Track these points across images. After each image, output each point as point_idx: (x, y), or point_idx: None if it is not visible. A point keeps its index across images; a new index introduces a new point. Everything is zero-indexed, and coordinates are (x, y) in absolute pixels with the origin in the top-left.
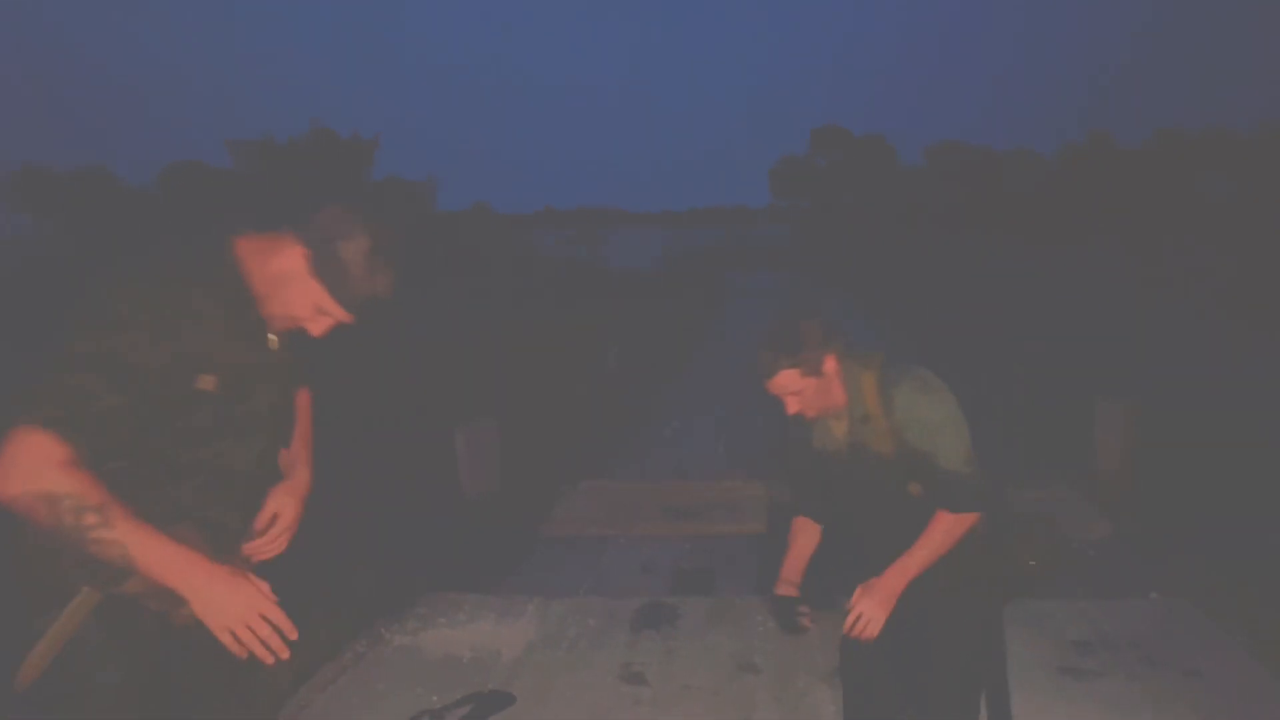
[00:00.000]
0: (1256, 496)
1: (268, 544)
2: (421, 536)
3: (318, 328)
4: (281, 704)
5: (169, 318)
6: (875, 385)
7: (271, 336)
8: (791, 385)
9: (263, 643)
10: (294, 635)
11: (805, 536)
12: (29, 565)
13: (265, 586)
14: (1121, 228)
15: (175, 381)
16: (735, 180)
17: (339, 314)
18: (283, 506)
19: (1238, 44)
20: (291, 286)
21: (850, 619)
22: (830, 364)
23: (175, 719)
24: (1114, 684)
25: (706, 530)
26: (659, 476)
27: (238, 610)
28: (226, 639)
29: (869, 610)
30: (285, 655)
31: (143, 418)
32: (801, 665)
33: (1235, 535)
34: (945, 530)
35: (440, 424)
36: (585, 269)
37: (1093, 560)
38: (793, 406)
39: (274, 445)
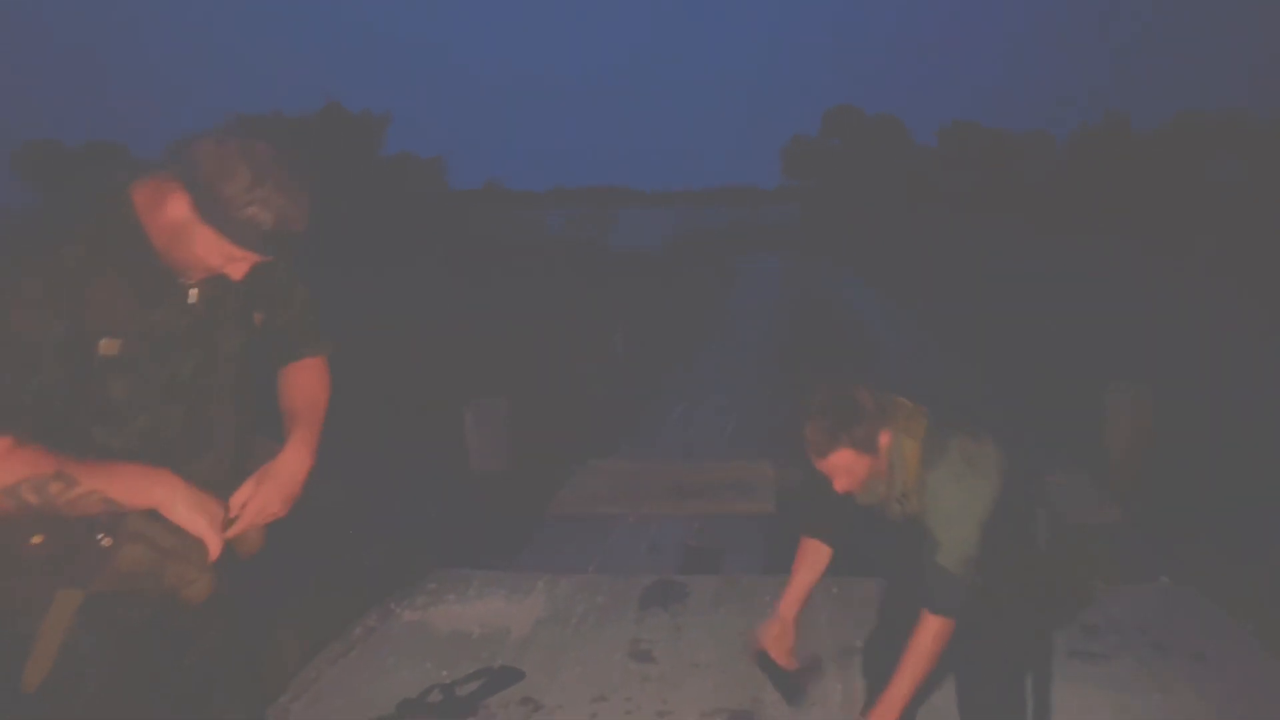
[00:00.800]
0: (1267, 483)
1: (232, 531)
2: (431, 513)
3: (236, 271)
4: (291, 678)
5: (56, 288)
6: (916, 461)
7: (192, 290)
8: (846, 464)
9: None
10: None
11: (811, 564)
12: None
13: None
14: (1136, 211)
15: (78, 351)
16: (746, 160)
17: (243, 255)
18: (254, 492)
19: (1257, 26)
20: (187, 235)
21: None
22: (885, 439)
23: (181, 703)
24: (1121, 667)
25: (714, 509)
26: (667, 456)
27: (214, 511)
28: (207, 534)
29: None
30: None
31: (57, 394)
32: (810, 644)
33: (1245, 522)
34: (930, 642)
35: (449, 402)
36: (594, 249)
37: (1104, 547)
38: (842, 485)
39: (212, 412)
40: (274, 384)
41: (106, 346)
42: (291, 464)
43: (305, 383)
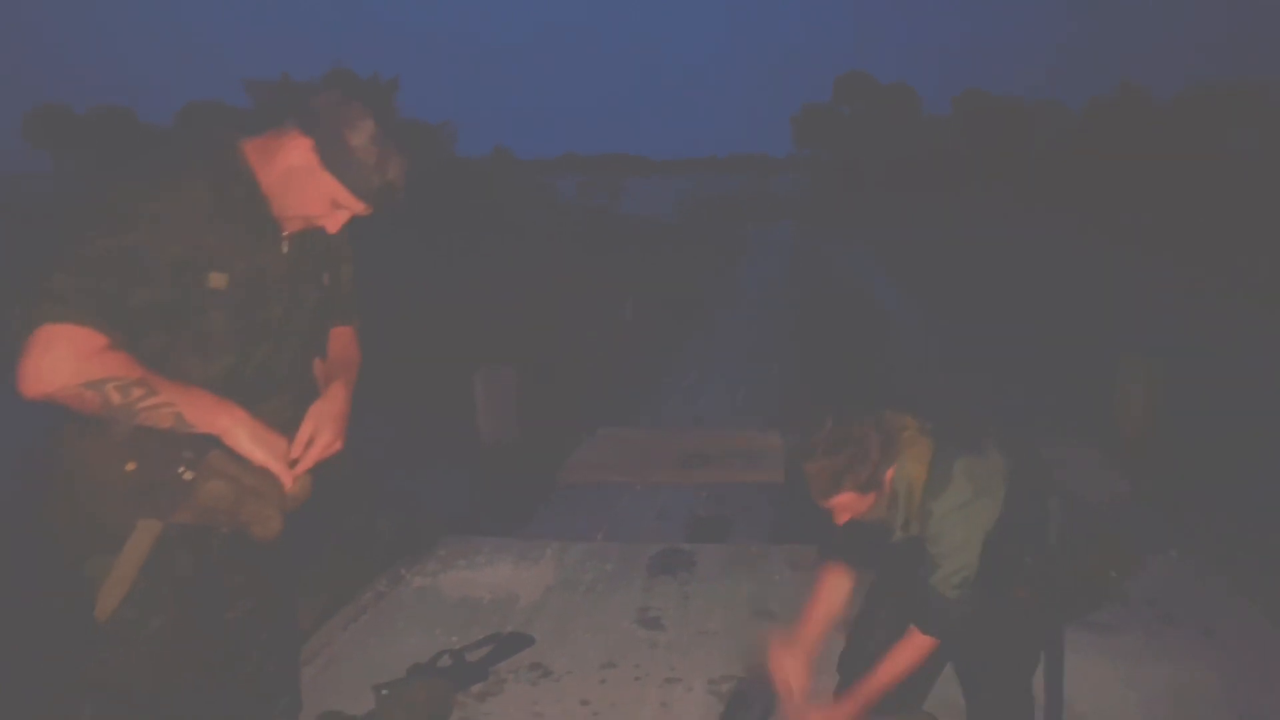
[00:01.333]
0: (1276, 456)
1: (304, 464)
2: (441, 481)
3: (333, 223)
4: (303, 644)
5: (179, 213)
6: (920, 492)
7: (284, 241)
8: (848, 504)
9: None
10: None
11: (832, 593)
12: (78, 509)
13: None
14: (1150, 181)
15: (188, 278)
16: (757, 128)
17: (354, 205)
18: (319, 423)
19: None
20: (302, 181)
21: None
22: (890, 475)
23: (211, 660)
24: (1129, 639)
25: (723, 479)
26: (677, 425)
27: (277, 444)
28: (267, 463)
29: None
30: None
31: (159, 316)
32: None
33: (1255, 495)
34: (911, 654)
35: (459, 370)
36: (605, 216)
37: (1113, 519)
38: (844, 519)
39: (286, 358)
40: None
41: (216, 280)
42: (339, 402)
43: (342, 345)
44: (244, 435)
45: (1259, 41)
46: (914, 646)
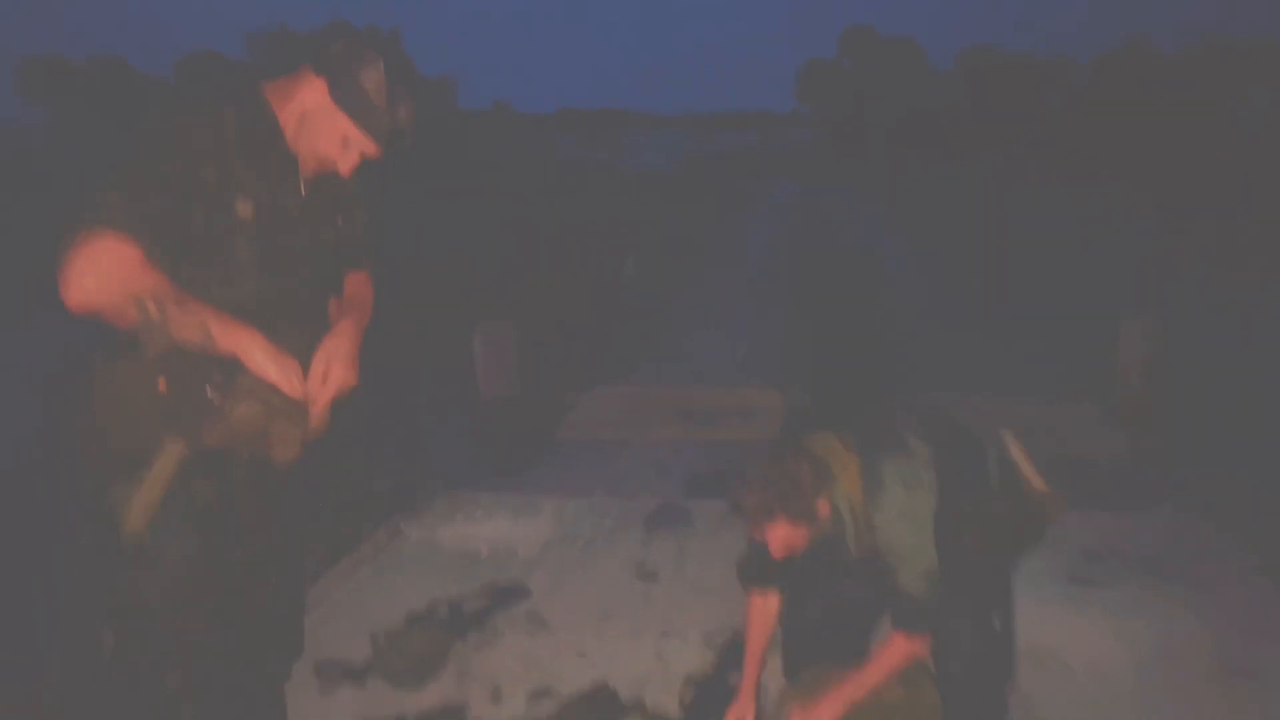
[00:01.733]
0: (1273, 414)
1: (322, 399)
2: (440, 436)
3: (346, 163)
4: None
5: (212, 142)
6: (862, 510)
7: (303, 183)
8: (784, 536)
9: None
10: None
11: (763, 623)
12: (108, 432)
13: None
14: (1158, 140)
15: (218, 204)
16: (760, 83)
17: (366, 144)
18: (332, 358)
19: None
20: (316, 119)
21: None
22: (824, 508)
23: (224, 594)
24: (1122, 593)
25: (721, 436)
26: (676, 383)
27: (290, 365)
28: (281, 380)
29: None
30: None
31: (191, 239)
32: None
33: (1253, 452)
34: (895, 661)
35: (458, 326)
36: (605, 172)
37: (1109, 474)
38: (780, 553)
39: (306, 293)
40: None
41: (243, 208)
42: (350, 339)
43: (353, 288)
44: (259, 354)
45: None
46: (901, 650)
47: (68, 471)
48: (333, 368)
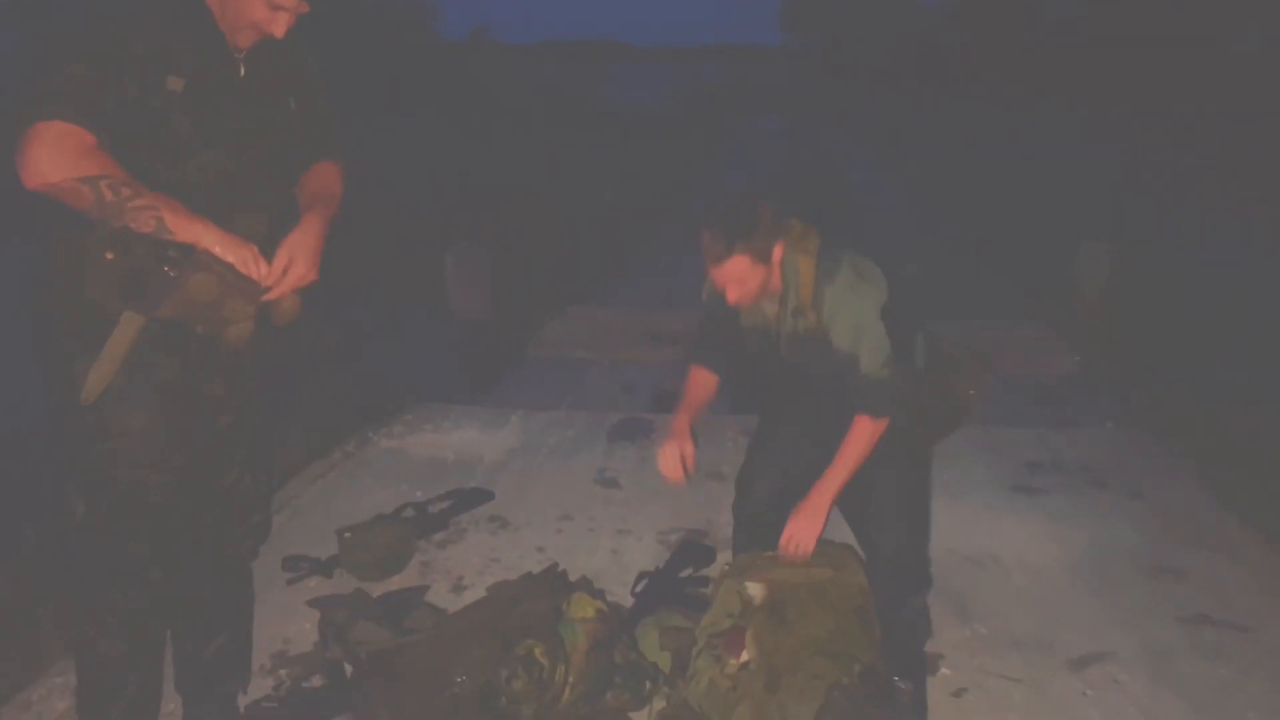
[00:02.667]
0: (1224, 337)
1: (279, 290)
2: (413, 353)
3: (279, 26)
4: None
5: (143, 22)
6: (811, 276)
7: (240, 65)
8: (740, 273)
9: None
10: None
11: (701, 386)
12: (68, 301)
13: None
14: (1145, 75)
15: (149, 79)
16: (745, 15)
17: (287, 2)
18: (294, 253)
19: None
20: None
21: (784, 539)
22: (778, 252)
23: (192, 466)
24: (1061, 501)
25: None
26: (648, 306)
27: (246, 250)
28: (241, 263)
29: (800, 531)
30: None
31: (127, 116)
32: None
33: (1197, 372)
34: (864, 440)
35: (434, 249)
36: (587, 104)
37: (1060, 393)
38: (734, 296)
39: (258, 173)
40: None
41: (173, 82)
42: (314, 233)
43: (321, 179)
44: (216, 241)
45: None
46: (866, 432)
47: (39, 341)
48: (295, 262)
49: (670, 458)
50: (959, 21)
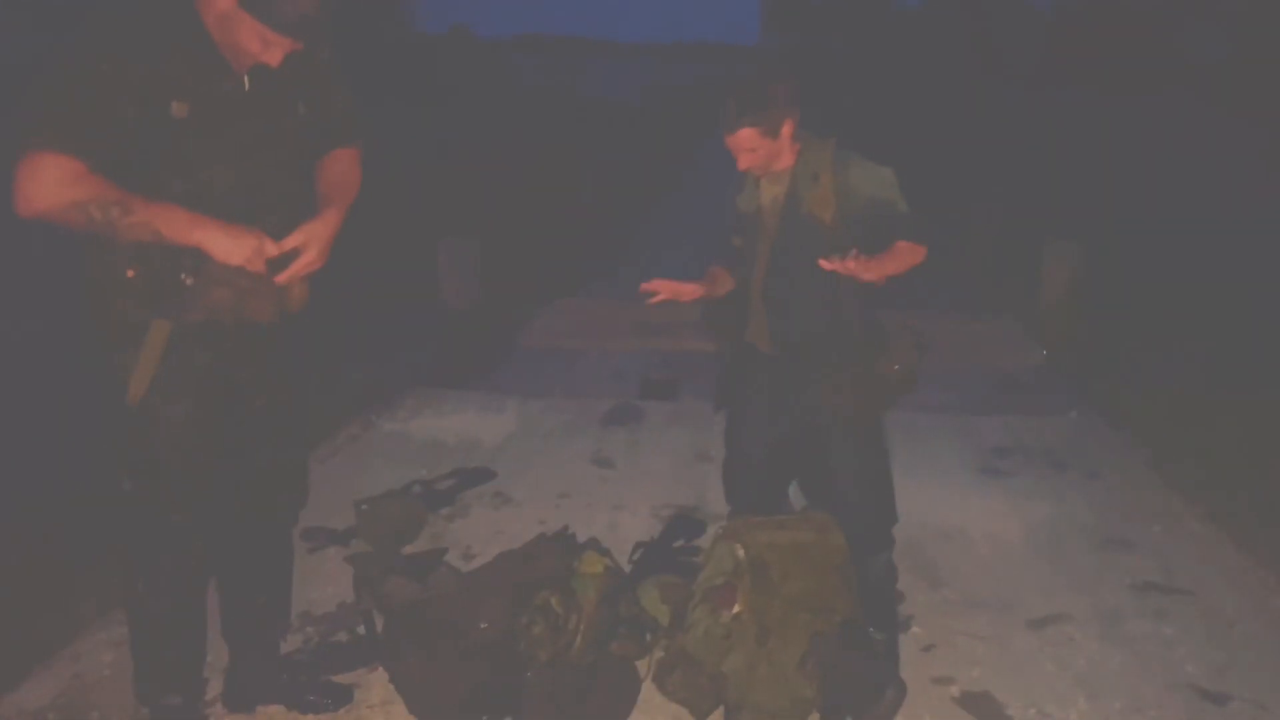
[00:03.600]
0: (1175, 331)
1: (288, 274)
2: (408, 340)
3: (273, 58)
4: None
5: (139, 49)
6: (830, 153)
7: (245, 78)
8: (749, 143)
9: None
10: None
11: (714, 276)
12: (102, 312)
13: (263, 235)
14: (1111, 76)
15: (154, 105)
16: (725, 14)
17: (280, 40)
18: (307, 240)
19: None
20: (232, 23)
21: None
22: (788, 129)
23: (229, 447)
24: (1023, 481)
25: (674, 346)
26: (633, 297)
27: (249, 243)
28: (244, 261)
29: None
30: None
31: (133, 141)
32: None
33: (1152, 363)
34: (914, 255)
35: (426, 241)
36: (565, 98)
37: (1026, 384)
38: (744, 163)
39: (270, 182)
40: None
41: (178, 109)
42: (330, 224)
43: (339, 168)
44: (220, 241)
45: None
46: (916, 250)
47: (84, 341)
48: (308, 248)
49: (665, 284)
50: (933, 21)
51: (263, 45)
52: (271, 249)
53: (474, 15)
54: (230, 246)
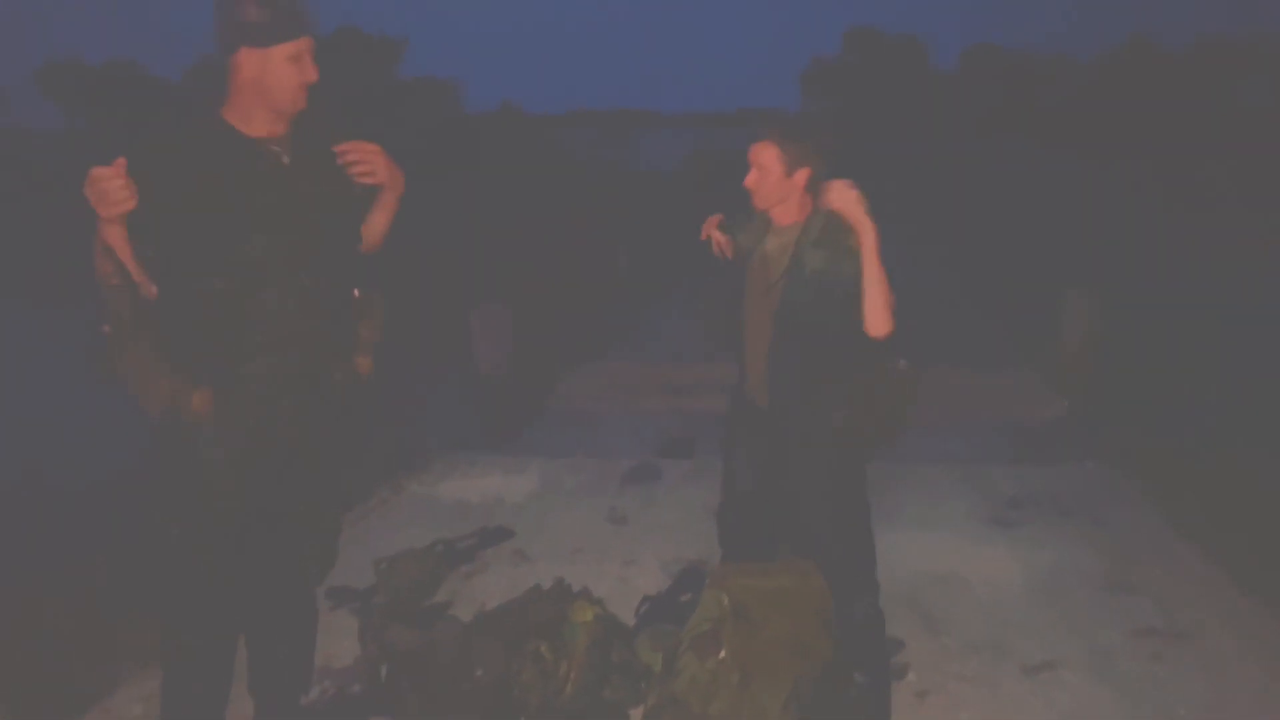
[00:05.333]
0: (1186, 380)
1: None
2: (439, 406)
3: (308, 71)
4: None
5: (185, 167)
6: (833, 229)
7: (279, 153)
8: (763, 160)
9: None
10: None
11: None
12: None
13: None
14: (1156, 134)
15: (203, 209)
16: (768, 82)
17: (294, 42)
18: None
19: None
20: (257, 79)
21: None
22: (803, 175)
23: (263, 500)
24: (1029, 530)
25: (694, 406)
26: (658, 359)
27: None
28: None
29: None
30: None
31: (182, 234)
32: None
33: (1163, 412)
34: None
35: (459, 307)
36: (603, 169)
37: (1043, 435)
38: (750, 179)
39: (319, 238)
40: None
41: (219, 204)
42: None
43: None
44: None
45: None
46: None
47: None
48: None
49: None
50: (973, 84)
51: (293, 67)
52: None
53: (524, 91)
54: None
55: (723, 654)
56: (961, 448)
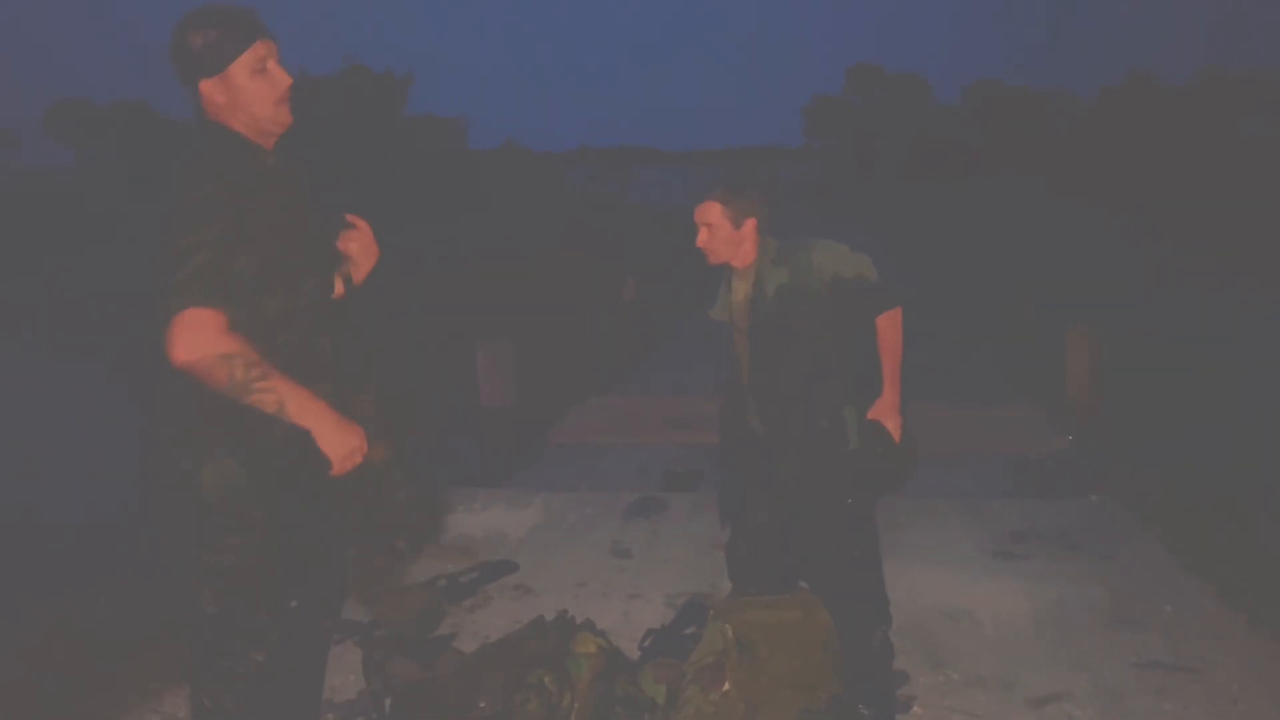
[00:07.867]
0: (1191, 415)
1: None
2: (444, 439)
3: (277, 85)
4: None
5: (227, 189)
6: (790, 249)
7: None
8: (710, 218)
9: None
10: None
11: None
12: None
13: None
14: (1158, 171)
15: (260, 246)
16: (770, 120)
17: (260, 48)
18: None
19: None
20: (231, 104)
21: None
22: (749, 226)
23: (299, 559)
24: (1035, 564)
25: (698, 439)
26: (661, 393)
27: (352, 442)
28: (337, 463)
29: (891, 423)
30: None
31: (260, 277)
32: None
33: (1179, 448)
34: (898, 328)
35: (462, 343)
36: (606, 205)
37: (1047, 469)
38: (701, 239)
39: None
40: None
41: (265, 225)
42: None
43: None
44: (330, 433)
45: (1268, 30)
46: (896, 322)
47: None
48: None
49: None
50: (975, 120)
51: (261, 71)
52: (368, 453)
53: (528, 129)
54: (337, 442)
55: (727, 687)
56: (967, 482)
